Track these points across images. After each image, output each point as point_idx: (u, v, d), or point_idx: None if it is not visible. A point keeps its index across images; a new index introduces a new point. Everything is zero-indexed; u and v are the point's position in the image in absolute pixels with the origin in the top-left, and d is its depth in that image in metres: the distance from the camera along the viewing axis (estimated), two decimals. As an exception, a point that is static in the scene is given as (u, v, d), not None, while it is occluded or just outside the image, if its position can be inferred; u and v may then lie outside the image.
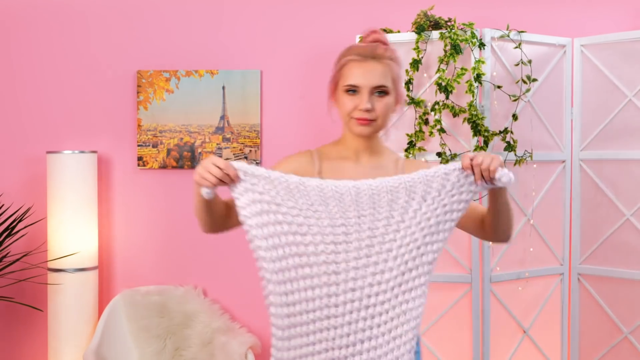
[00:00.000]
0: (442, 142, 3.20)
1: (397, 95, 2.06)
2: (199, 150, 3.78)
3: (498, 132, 3.21)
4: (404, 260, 1.87)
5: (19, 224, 3.53)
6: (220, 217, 2.05)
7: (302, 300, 1.85)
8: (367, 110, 1.99)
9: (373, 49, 2.02)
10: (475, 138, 3.18)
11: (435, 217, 1.87)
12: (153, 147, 3.79)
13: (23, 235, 3.67)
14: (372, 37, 2.07)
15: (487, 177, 1.85)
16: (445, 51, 3.16)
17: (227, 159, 3.78)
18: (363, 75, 1.99)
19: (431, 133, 3.20)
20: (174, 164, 3.79)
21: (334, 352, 1.86)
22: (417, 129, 3.24)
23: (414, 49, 3.20)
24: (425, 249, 1.88)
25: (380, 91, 2.00)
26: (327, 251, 1.85)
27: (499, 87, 3.21)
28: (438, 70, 3.17)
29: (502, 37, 3.24)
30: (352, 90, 2.00)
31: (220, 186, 1.87)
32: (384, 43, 2.07)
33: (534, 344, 3.42)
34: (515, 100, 3.26)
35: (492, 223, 2.04)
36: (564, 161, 3.46)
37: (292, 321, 1.85)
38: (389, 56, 2.03)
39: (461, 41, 3.15)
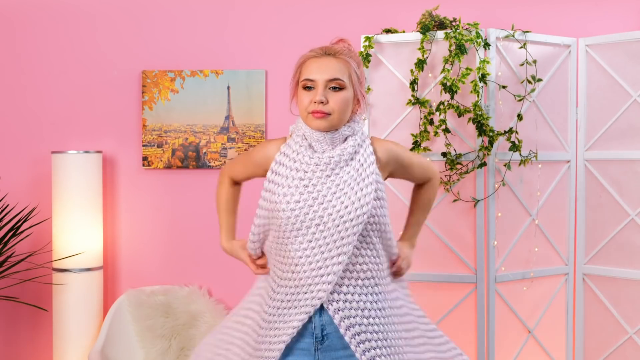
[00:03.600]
0: (447, 142, 3.20)
1: (356, 93, 2.09)
2: (204, 150, 3.78)
3: (503, 132, 3.21)
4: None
5: (24, 223, 3.54)
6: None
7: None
8: (321, 102, 2.02)
9: (331, 46, 2.09)
10: (480, 138, 3.18)
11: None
12: (158, 147, 3.80)
13: (28, 235, 3.67)
14: (338, 43, 2.15)
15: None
16: (450, 51, 3.16)
17: (232, 158, 3.79)
18: (318, 69, 2.04)
19: (436, 133, 3.20)
20: (179, 164, 3.80)
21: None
22: (422, 129, 3.24)
23: (419, 49, 3.21)
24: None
25: (335, 85, 2.04)
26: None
27: (504, 87, 3.21)
28: (443, 70, 3.17)
29: (507, 37, 3.24)
30: (309, 86, 2.05)
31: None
32: (349, 50, 2.13)
33: (539, 344, 3.42)
34: (520, 100, 3.26)
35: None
36: (568, 161, 3.46)
37: None
38: (347, 53, 2.07)
39: (466, 41, 3.15)
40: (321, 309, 2.05)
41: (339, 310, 2.03)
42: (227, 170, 2.35)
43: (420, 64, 3.21)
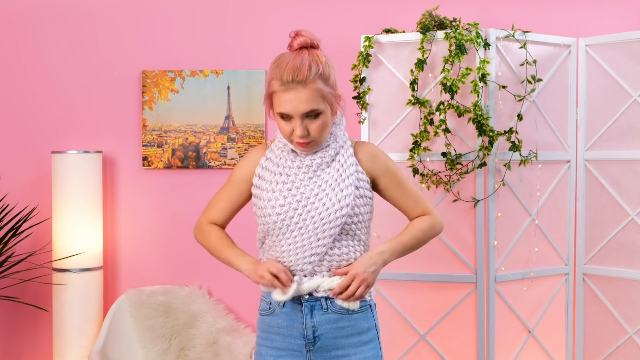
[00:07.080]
0: (447, 142, 3.20)
1: (332, 105, 2.08)
2: (204, 150, 3.78)
3: (503, 132, 3.21)
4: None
5: (24, 224, 3.54)
6: None
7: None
8: (303, 136, 2.04)
9: (296, 72, 2.00)
10: (480, 138, 3.18)
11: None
12: (158, 147, 3.80)
13: (28, 235, 3.67)
14: (299, 41, 2.07)
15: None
16: (450, 51, 3.16)
17: (232, 158, 3.78)
18: (291, 104, 2.02)
19: (436, 133, 3.20)
20: (179, 164, 3.80)
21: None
22: (422, 129, 3.24)
23: (419, 49, 3.20)
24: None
25: (312, 115, 2.03)
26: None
27: (504, 87, 3.21)
28: (443, 70, 3.17)
29: (507, 37, 3.24)
30: (285, 115, 2.04)
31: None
32: (312, 46, 2.07)
33: (539, 344, 3.42)
34: (520, 100, 3.26)
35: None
36: (568, 161, 3.46)
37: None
38: (314, 74, 2.01)
39: (466, 41, 3.15)
40: (312, 311, 2.09)
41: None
42: (202, 219, 2.28)
43: (420, 64, 3.20)
